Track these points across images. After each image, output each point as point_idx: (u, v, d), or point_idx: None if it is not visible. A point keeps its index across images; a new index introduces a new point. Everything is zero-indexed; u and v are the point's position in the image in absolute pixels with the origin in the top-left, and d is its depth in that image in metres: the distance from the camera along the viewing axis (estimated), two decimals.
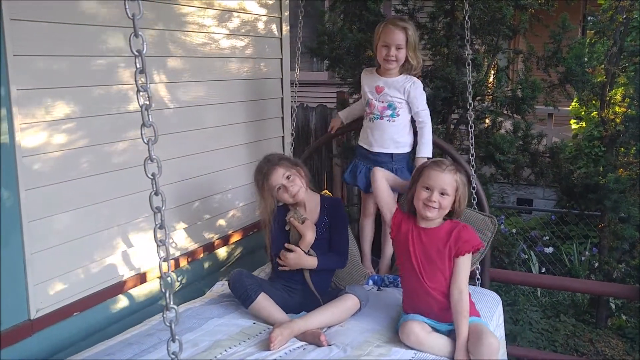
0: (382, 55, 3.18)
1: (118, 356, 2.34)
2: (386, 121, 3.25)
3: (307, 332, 2.54)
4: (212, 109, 3.49)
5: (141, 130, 1.46)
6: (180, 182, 3.27)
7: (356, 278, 3.19)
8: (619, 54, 4.94)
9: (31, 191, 2.44)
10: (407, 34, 3.17)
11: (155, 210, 1.49)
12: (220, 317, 2.73)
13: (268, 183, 2.90)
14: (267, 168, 2.93)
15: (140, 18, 1.39)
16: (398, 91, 3.24)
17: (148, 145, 1.48)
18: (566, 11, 4.75)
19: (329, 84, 8.48)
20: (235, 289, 2.76)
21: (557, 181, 4.97)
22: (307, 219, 2.94)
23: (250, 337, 2.54)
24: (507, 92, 4.80)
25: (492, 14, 4.46)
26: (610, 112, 5.00)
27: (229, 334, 2.56)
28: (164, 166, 3.22)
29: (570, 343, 4.52)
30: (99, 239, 2.79)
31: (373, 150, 3.28)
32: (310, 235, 2.90)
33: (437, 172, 2.54)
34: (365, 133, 3.33)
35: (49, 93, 2.52)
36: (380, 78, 3.27)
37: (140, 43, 1.39)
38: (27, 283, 2.43)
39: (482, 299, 3.11)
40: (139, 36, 1.39)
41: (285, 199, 2.93)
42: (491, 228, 3.25)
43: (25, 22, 2.38)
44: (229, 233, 3.68)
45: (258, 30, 3.86)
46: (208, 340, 2.50)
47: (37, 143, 2.47)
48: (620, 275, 4.88)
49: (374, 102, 3.26)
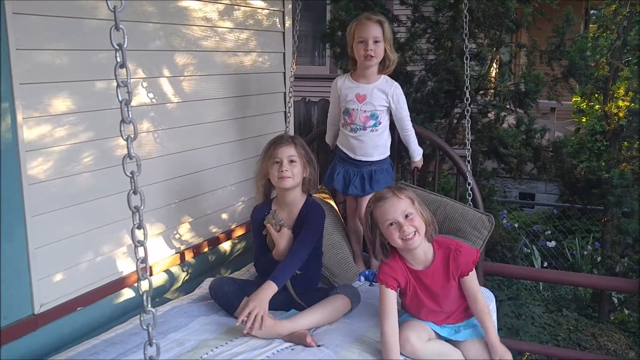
0: (361, 53, 3.04)
1: (102, 356, 2.29)
2: (369, 132, 3.15)
3: (294, 334, 2.46)
4: (214, 103, 3.48)
5: (120, 126, 1.42)
6: (182, 177, 3.27)
7: (350, 277, 3.14)
8: (622, 47, 4.93)
9: (34, 186, 2.43)
10: (382, 27, 3.05)
11: (133, 209, 1.44)
12: (208, 315, 2.68)
13: (272, 151, 2.81)
14: (282, 140, 2.85)
15: (122, 10, 1.36)
16: (381, 97, 3.13)
17: (127, 142, 1.45)
18: (569, 5, 4.74)
19: (330, 78, 8.45)
20: (218, 298, 2.72)
21: (559, 176, 4.96)
22: (284, 226, 2.82)
23: (238, 337, 2.47)
24: (510, 86, 4.79)
25: (496, 7, 4.44)
26: (614, 106, 4.99)
27: (216, 333, 2.51)
28: (167, 161, 3.22)
29: (573, 337, 4.52)
30: (102, 234, 2.79)
31: (355, 158, 3.19)
32: (283, 245, 2.78)
33: (390, 204, 2.39)
34: (346, 140, 3.21)
35: (51, 87, 2.51)
36: (359, 85, 3.14)
37: (122, 36, 1.36)
38: (31, 278, 2.43)
39: None
40: (119, 29, 1.36)
41: (273, 175, 2.80)
42: (487, 226, 3.21)
43: (28, 15, 2.36)
44: (232, 227, 3.68)
45: (261, 23, 3.85)
46: (194, 339, 2.45)
47: (40, 137, 2.46)
48: (622, 269, 4.88)
49: (355, 112, 3.13)
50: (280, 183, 2.79)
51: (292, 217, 2.85)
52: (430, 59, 4.93)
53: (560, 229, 6.54)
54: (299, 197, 2.87)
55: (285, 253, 2.74)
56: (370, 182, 3.20)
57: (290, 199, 2.86)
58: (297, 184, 2.84)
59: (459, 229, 3.22)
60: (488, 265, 3.69)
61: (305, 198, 2.89)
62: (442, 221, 3.28)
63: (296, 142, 2.86)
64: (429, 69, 4.86)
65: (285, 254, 2.74)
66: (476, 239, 3.18)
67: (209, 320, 2.63)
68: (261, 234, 2.87)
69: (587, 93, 5.38)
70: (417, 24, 4.86)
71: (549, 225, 6.62)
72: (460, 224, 3.23)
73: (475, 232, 3.20)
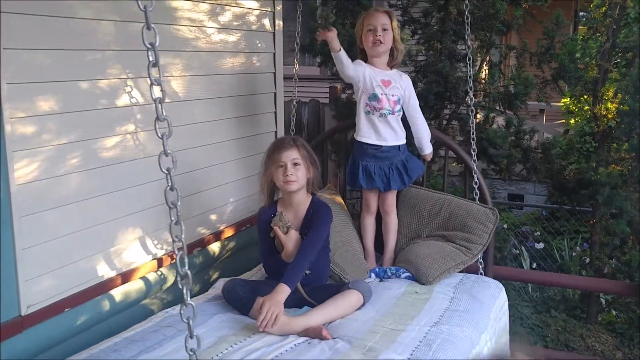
0: (369, 40, 3.14)
1: (124, 352, 2.35)
2: (396, 116, 3.23)
3: (309, 329, 2.53)
4: (203, 103, 3.47)
5: (155, 124, 1.42)
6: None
7: (360, 273, 3.20)
8: (611, 50, 4.95)
9: (22, 186, 2.41)
10: (390, 17, 3.17)
11: (170, 205, 1.45)
12: (224, 313, 2.74)
13: (275, 155, 2.85)
14: (284, 143, 2.89)
15: (152, 10, 1.37)
16: (400, 83, 3.24)
17: (163, 140, 1.44)
18: (559, 7, 4.76)
19: (321, 78, 8.45)
20: (231, 300, 2.77)
21: (548, 177, 4.98)
22: (292, 228, 2.86)
23: (255, 333, 2.53)
24: (499, 88, 4.80)
25: (486, 9, 4.46)
26: (603, 108, 5.01)
27: (234, 329, 2.57)
28: (154, 161, 3.19)
29: (561, 338, 4.54)
30: (90, 235, 2.77)
31: (387, 145, 3.23)
32: (291, 246, 2.83)
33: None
34: (374, 128, 3.23)
35: (39, 87, 2.48)
36: (381, 71, 3.22)
37: (153, 36, 1.35)
38: (17, 279, 2.40)
39: (484, 286, 3.14)
40: (151, 29, 1.35)
41: (278, 179, 2.85)
42: (492, 219, 3.30)
43: (15, 15, 2.34)
44: (221, 228, 3.66)
45: (250, 24, 3.84)
46: (213, 336, 2.50)
47: (27, 137, 2.44)
48: (611, 270, 4.90)
49: (384, 96, 3.19)
50: (286, 187, 2.84)
51: (298, 218, 2.90)
52: (420, 60, 4.94)
53: (549, 230, 6.56)
54: (304, 198, 2.92)
55: (294, 254, 2.78)
56: (406, 172, 3.29)
57: (296, 201, 2.91)
58: (302, 186, 2.89)
59: (464, 225, 3.31)
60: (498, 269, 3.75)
61: (310, 198, 2.93)
62: (448, 218, 3.35)
63: (298, 144, 2.89)
64: (418, 70, 4.87)
65: (293, 255, 2.78)
66: (482, 232, 3.27)
67: (226, 318, 2.69)
68: (268, 236, 2.91)
69: (576, 95, 5.40)
70: (407, 26, 4.87)
71: (538, 226, 6.65)
72: (466, 219, 3.32)
73: (481, 226, 3.28)
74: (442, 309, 2.84)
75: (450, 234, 3.33)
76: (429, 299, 2.95)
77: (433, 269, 3.13)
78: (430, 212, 3.42)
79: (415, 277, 3.16)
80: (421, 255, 3.22)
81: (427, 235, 3.40)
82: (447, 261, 3.17)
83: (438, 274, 3.11)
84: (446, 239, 3.33)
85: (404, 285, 3.09)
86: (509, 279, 4.36)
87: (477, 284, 3.16)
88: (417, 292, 3.02)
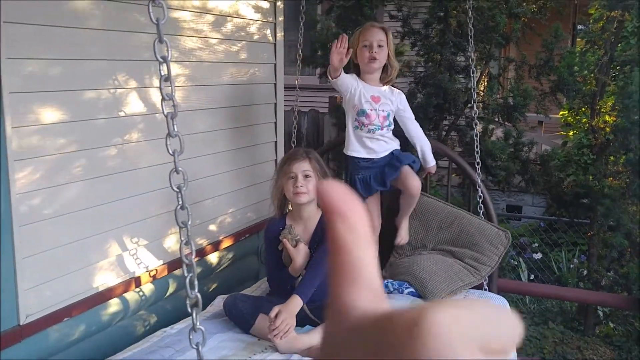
0: (365, 56, 3.12)
1: None
2: (385, 131, 3.21)
3: (312, 348, 2.49)
4: (204, 113, 3.48)
5: (166, 140, 1.39)
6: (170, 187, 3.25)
7: None
8: (609, 63, 4.98)
9: (23, 195, 2.41)
10: (387, 34, 3.16)
11: (181, 225, 1.42)
12: (224, 332, 2.70)
13: (287, 167, 2.84)
14: (297, 154, 2.88)
15: (165, 23, 1.34)
16: (390, 99, 3.22)
17: (174, 157, 1.41)
18: (558, 20, 4.79)
19: (320, 88, 8.48)
20: (232, 315, 2.73)
21: (547, 189, 5.01)
22: (301, 241, 2.83)
23: (256, 353, 2.50)
24: (498, 100, 4.83)
25: (485, 21, 4.49)
26: (600, 120, 5.04)
27: (234, 350, 2.53)
28: (155, 171, 3.20)
29: (559, 350, 4.54)
30: (90, 244, 2.77)
31: (378, 157, 3.22)
32: (300, 261, 2.78)
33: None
34: (362, 144, 3.22)
35: (41, 97, 2.49)
36: (371, 87, 3.20)
37: (165, 49, 1.33)
38: (17, 288, 2.40)
39: None
40: (163, 42, 1.33)
41: (288, 190, 2.83)
42: (504, 242, 3.24)
43: (18, 24, 2.35)
44: (220, 239, 3.66)
45: (252, 35, 3.86)
46: (214, 355, 2.47)
47: (29, 147, 2.44)
48: (608, 283, 4.91)
49: (373, 112, 3.17)
50: (296, 199, 2.80)
51: (308, 232, 2.86)
52: (419, 72, 4.97)
53: (547, 241, 6.57)
54: (314, 212, 2.88)
55: (302, 268, 2.76)
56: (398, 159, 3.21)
57: (306, 214, 2.87)
58: (313, 199, 2.84)
59: (474, 243, 3.24)
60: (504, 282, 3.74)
61: (320, 212, 2.87)
62: (458, 234, 3.29)
63: (310, 156, 2.88)
64: (418, 81, 4.89)
65: (301, 270, 2.75)
66: (492, 254, 3.21)
67: (226, 337, 2.65)
68: (276, 249, 2.87)
69: (574, 107, 5.43)
70: (407, 37, 4.90)
71: (536, 237, 6.66)
72: (477, 238, 3.25)
73: (492, 248, 3.22)
74: None
75: (459, 251, 3.28)
76: None
77: (440, 289, 3.07)
78: (441, 225, 3.37)
79: (421, 293, 3.10)
80: (429, 272, 3.15)
81: (433, 248, 3.36)
82: (455, 281, 3.12)
83: (445, 295, 3.06)
84: (453, 255, 3.28)
85: (407, 301, 3.03)
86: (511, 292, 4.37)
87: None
88: None
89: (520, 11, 4.63)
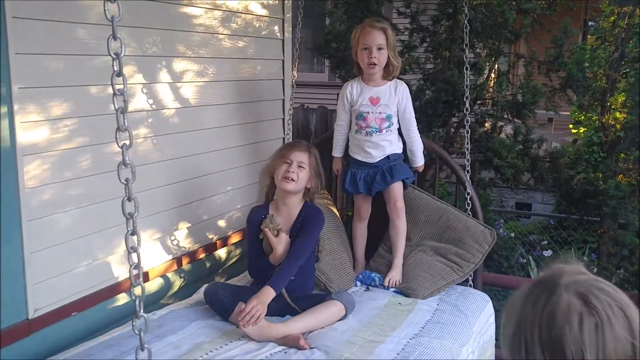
0: (365, 61, 3.08)
1: (97, 357, 2.32)
2: (384, 133, 3.16)
3: (288, 337, 2.50)
4: (213, 109, 3.48)
5: (116, 134, 1.43)
6: (180, 183, 3.26)
7: (346, 282, 3.14)
8: (620, 59, 4.95)
9: (31, 190, 2.43)
10: (386, 34, 3.08)
11: (127, 216, 1.45)
12: (204, 319, 2.70)
13: (286, 151, 2.86)
14: (300, 144, 2.90)
15: (120, 20, 1.39)
16: (393, 97, 3.16)
17: (122, 150, 1.46)
18: (568, 16, 4.76)
19: (329, 85, 8.48)
20: (212, 303, 2.74)
21: (556, 186, 4.98)
22: (282, 231, 2.83)
23: (233, 341, 2.51)
24: (507, 97, 4.80)
25: (495, 17, 4.47)
26: (611, 117, 5.01)
27: (211, 337, 2.54)
28: (165, 166, 3.22)
29: None
30: (98, 238, 2.78)
31: (373, 162, 3.19)
32: (280, 250, 2.79)
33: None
34: (361, 146, 3.20)
35: (50, 92, 2.50)
36: (371, 88, 3.16)
37: (119, 46, 1.37)
38: (25, 282, 2.42)
39: (470, 298, 3.11)
40: (117, 39, 1.38)
41: (279, 173, 2.82)
42: (489, 241, 3.23)
43: (27, 20, 2.36)
44: (228, 234, 3.67)
45: (260, 31, 3.86)
46: (190, 342, 2.48)
47: (37, 142, 2.46)
48: (618, 280, 4.88)
49: (370, 115, 3.14)
50: (283, 183, 2.81)
51: (289, 221, 2.88)
52: (428, 68, 4.95)
53: (557, 239, 6.54)
54: (297, 202, 2.89)
55: (283, 258, 2.76)
56: (391, 174, 3.19)
57: (290, 203, 2.88)
58: (299, 190, 2.86)
59: (459, 240, 3.24)
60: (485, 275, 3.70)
61: (303, 203, 2.90)
62: (444, 230, 3.29)
63: (311, 151, 2.90)
64: (426, 78, 4.88)
65: (282, 259, 2.76)
66: (476, 252, 3.20)
67: (205, 324, 2.66)
68: (257, 238, 2.87)
69: (584, 104, 5.40)
70: (415, 34, 4.88)
71: (546, 235, 6.63)
72: (462, 234, 3.25)
73: (476, 245, 3.22)
74: (424, 320, 2.79)
75: (443, 247, 3.26)
76: (412, 310, 2.89)
77: (424, 288, 3.06)
78: (428, 219, 3.36)
79: (404, 292, 3.10)
80: (413, 271, 3.16)
81: (418, 243, 3.34)
82: (438, 280, 3.11)
83: (429, 293, 3.05)
84: (437, 251, 3.26)
85: (388, 296, 3.03)
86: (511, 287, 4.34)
87: (463, 296, 3.10)
88: (400, 303, 2.96)
89: (529, 7, 4.60)
